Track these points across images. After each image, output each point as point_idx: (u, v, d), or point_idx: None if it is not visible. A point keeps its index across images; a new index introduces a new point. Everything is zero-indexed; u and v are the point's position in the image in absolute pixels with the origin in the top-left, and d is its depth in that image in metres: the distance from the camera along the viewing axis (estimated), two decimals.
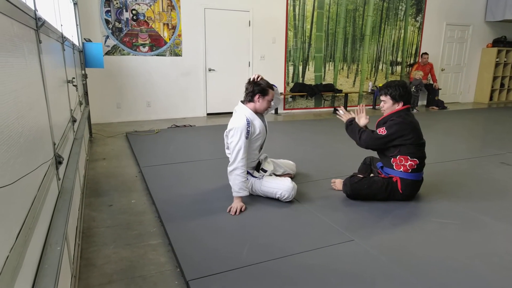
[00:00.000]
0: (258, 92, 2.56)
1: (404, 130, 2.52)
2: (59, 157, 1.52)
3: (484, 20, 8.98)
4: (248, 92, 2.60)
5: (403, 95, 2.58)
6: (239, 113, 2.58)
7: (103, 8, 5.60)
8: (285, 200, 2.60)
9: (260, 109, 2.62)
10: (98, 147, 4.35)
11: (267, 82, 2.62)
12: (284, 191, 2.57)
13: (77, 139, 2.49)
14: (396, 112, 2.60)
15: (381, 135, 2.56)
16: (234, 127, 2.51)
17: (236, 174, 2.49)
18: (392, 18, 7.88)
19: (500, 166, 3.62)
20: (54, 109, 1.65)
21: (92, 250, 2.04)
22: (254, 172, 2.74)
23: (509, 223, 2.35)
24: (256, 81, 2.60)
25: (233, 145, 2.50)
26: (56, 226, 1.23)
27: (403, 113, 2.59)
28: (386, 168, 2.65)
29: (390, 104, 2.62)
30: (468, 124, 6.28)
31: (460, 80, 9.23)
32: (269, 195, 2.64)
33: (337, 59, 7.57)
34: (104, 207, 2.63)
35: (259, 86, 2.56)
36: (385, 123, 2.61)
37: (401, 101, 2.59)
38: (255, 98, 2.58)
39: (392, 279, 1.74)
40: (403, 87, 2.59)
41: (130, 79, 6.00)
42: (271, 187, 2.62)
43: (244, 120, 2.52)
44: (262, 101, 2.58)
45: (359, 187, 2.62)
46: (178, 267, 1.87)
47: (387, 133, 2.54)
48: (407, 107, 2.62)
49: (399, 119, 2.55)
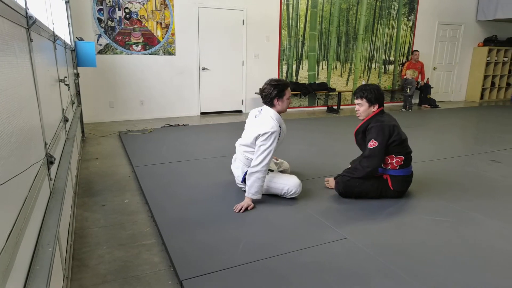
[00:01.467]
0: (276, 96, 2.55)
1: (388, 132, 2.53)
2: (50, 157, 1.51)
3: (476, 20, 9.08)
4: (266, 97, 2.58)
5: (378, 98, 2.60)
6: (268, 119, 2.55)
7: (95, 7, 5.55)
8: (290, 196, 2.64)
9: (283, 110, 2.64)
10: (90, 147, 4.31)
11: (282, 80, 2.62)
12: (292, 187, 2.61)
13: (69, 139, 2.47)
14: (372, 117, 2.62)
15: (376, 147, 2.53)
16: (270, 131, 2.47)
17: (257, 177, 2.47)
18: (385, 17, 7.93)
19: (491, 164, 3.67)
20: (45, 108, 1.64)
21: (85, 250, 2.03)
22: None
23: (500, 220, 2.38)
24: (270, 83, 2.59)
25: (264, 148, 2.47)
26: (47, 226, 1.23)
27: (379, 117, 2.61)
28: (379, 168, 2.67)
29: (366, 107, 2.62)
30: (460, 123, 6.36)
31: (452, 79, 9.32)
32: (275, 192, 2.66)
33: (331, 58, 7.60)
34: (97, 207, 2.61)
35: (274, 88, 2.54)
36: (365, 131, 2.62)
37: (376, 104, 2.61)
38: (275, 102, 2.58)
39: (385, 276, 1.75)
40: (377, 90, 2.62)
41: (123, 78, 5.96)
42: (279, 183, 2.64)
43: (277, 125, 2.52)
44: (282, 103, 2.59)
45: (351, 185, 2.64)
46: (172, 266, 1.86)
47: (379, 142, 2.53)
48: (381, 109, 2.64)
49: (378, 123, 2.56)
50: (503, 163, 3.68)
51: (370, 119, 2.62)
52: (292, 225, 2.29)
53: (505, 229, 2.26)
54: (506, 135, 5.06)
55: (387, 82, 8.37)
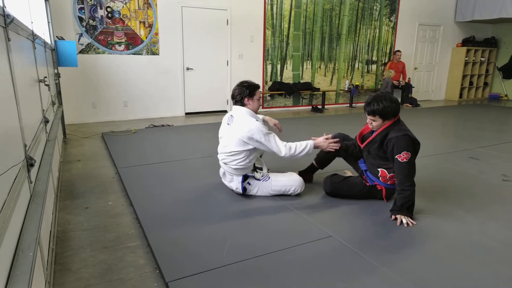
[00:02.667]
0: (247, 95, 2.61)
1: (414, 143, 2.30)
2: (30, 159, 1.47)
3: (454, 21, 9.33)
4: (238, 97, 2.63)
5: (395, 111, 2.33)
6: (243, 117, 2.58)
7: (76, 5, 5.44)
8: (295, 194, 2.69)
9: (254, 109, 2.67)
10: (73, 148, 4.22)
11: (252, 82, 2.68)
12: (297, 186, 2.67)
13: (50, 141, 2.41)
14: (390, 126, 2.36)
15: (411, 157, 2.26)
16: (252, 129, 2.49)
17: (292, 150, 2.51)
18: (367, 18, 8.05)
19: (470, 160, 3.78)
20: (25, 109, 1.59)
21: (68, 254, 1.99)
22: (255, 174, 2.72)
23: (480, 216, 2.46)
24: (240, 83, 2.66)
25: (266, 140, 2.49)
26: (28, 230, 1.20)
27: (400, 126, 2.36)
28: (371, 175, 2.57)
29: (380, 122, 2.38)
30: (440, 121, 6.52)
31: (432, 79, 9.56)
32: (280, 193, 2.69)
33: (315, 58, 7.67)
34: (80, 209, 2.56)
35: (246, 88, 2.61)
36: (387, 143, 2.34)
37: (392, 117, 2.36)
38: (245, 101, 2.62)
39: (370, 273, 1.79)
40: (391, 102, 2.33)
41: (106, 78, 5.86)
42: (283, 185, 2.67)
43: (252, 119, 2.56)
44: (252, 102, 2.64)
45: (339, 187, 2.62)
46: (158, 268, 1.85)
47: (411, 151, 2.27)
48: (398, 117, 2.41)
49: (402, 133, 2.29)
50: (481, 160, 3.80)
51: (389, 127, 2.37)
52: (277, 224, 2.30)
53: (485, 224, 2.33)
54: (484, 133, 5.23)
55: (370, 81, 8.51)
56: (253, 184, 2.69)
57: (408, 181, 2.28)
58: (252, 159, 2.66)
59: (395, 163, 2.31)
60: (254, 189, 2.69)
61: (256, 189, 2.69)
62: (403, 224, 2.27)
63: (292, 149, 2.53)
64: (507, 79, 9.82)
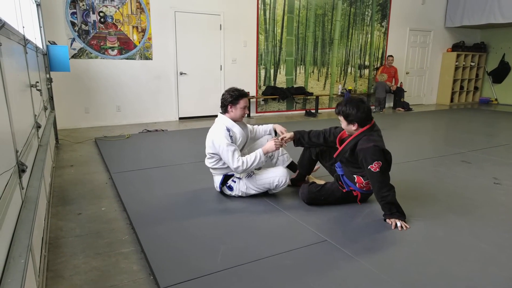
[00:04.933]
0: (229, 103, 2.64)
1: (383, 151, 2.30)
2: (22, 165, 1.46)
3: (444, 26, 9.48)
4: (222, 103, 2.69)
5: (360, 118, 2.33)
6: (217, 124, 2.67)
7: (68, 10, 5.41)
8: (281, 188, 2.68)
9: (236, 117, 2.68)
10: (65, 154, 4.18)
11: (239, 90, 2.70)
12: (282, 177, 2.63)
13: (42, 146, 2.39)
14: (360, 135, 2.36)
15: (380, 169, 2.25)
16: (214, 138, 2.58)
17: (244, 165, 2.51)
18: (359, 23, 8.15)
19: (461, 164, 3.83)
20: (16, 114, 1.58)
21: (60, 261, 1.96)
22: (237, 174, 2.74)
23: (471, 219, 2.48)
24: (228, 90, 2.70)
25: (224, 150, 2.52)
26: (19, 237, 1.18)
27: (369, 136, 2.34)
28: (347, 180, 2.57)
29: (345, 125, 2.42)
30: (432, 125, 6.60)
31: (423, 83, 9.68)
32: (265, 187, 2.69)
33: (308, 63, 7.72)
34: (72, 215, 2.53)
35: (231, 96, 2.64)
36: (357, 153, 2.34)
37: (355, 123, 2.37)
38: (228, 108, 2.66)
39: (364, 277, 1.79)
40: (358, 107, 2.34)
41: (98, 83, 5.83)
42: (267, 177, 2.66)
43: (222, 128, 2.61)
44: (235, 110, 2.66)
45: (317, 196, 2.58)
46: (152, 274, 1.83)
47: (382, 162, 2.26)
48: (368, 127, 2.38)
49: (371, 144, 2.28)
50: (473, 163, 3.84)
51: (358, 136, 2.38)
52: (272, 228, 2.30)
53: (476, 227, 2.35)
54: (475, 136, 5.30)
55: (362, 86, 8.58)
56: (238, 182, 2.71)
57: (385, 187, 2.30)
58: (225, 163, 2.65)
59: (368, 174, 2.33)
60: (240, 186, 2.70)
61: (242, 185, 2.70)
62: (398, 228, 2.29)
63: (244, 163, 2.52)
64: (496, 84, 9.99)
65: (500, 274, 1.83)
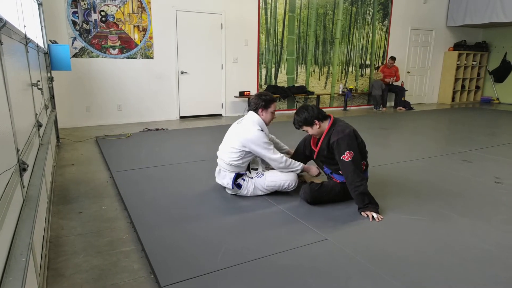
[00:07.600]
0: (261, 107, 2.70)
1: (354, 136, 2.46)
2: (23, 163, 1.46)
3: (446, 25, 9.46)
4: (253, 106, 2.75)
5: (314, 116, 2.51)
6: (251, 119, 2.70)
7: (69, 9, 5.41)
8: (288, 190, 2.77)
9: (266, 121, 2.76)
10: (66, 153, 4.19)
11: (270, 95, 2.78)
12: (292, 181, 2.73)
13: (43, 145, 2.39)
14: (329, 130, 2.52)
15: (353, 159, 2.38)
16: (252, 137, 2.60)
17: (284, 161, 2.65)
18: (360, 22, 8.13)
19: (462, 163, 3.82)
20: (17, 113, 1.58)
21: (61, 259, 1.97)
22: (248, 174, 2.78)
23: (473, 218, 2.48)
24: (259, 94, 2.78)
25: (264, 150, 2.60)
26: (20, 236, 1.18)
27: (337, 127, 2.50)
28: (336, 175, 2.66)
29: (311, 129, 2.58)
30: (433, 124, 6.58)
31: (425, 82, 9.66)
32: (274, 188, 2.75)
33: (309, 62, 7.71)
34: (74, 214, 2.54)
35: (263, 100, 2.70)
36: (332, 146, 2.47)
37: (317, 121, 2.53)
38: (259, 112, 2.72)
39: (365, 276, 1.79)
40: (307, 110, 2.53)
41: (99, 82, 5.83)
42: (277, 180, 2.73)
43: (260, 122, 2.70)
44: (266, 114, 2.72)
45: (319, 194, 2.60)
46: (152, 273, 1.83)
47: (354, 152, 2.40)
48: (332, 120, 2.56)
49: (340, 135, 2.43)
50: (474, 163, 3.83)
51: (328, 132, 2.54)
52: (272, 228, 2.30)
53: (477, 227, 2.35)
54: (476, 136, 5.29)
55: (363, 85, 8.57)
56: (247, 180, 2.73)
57: (357, 178, 2.39)
58: (246, 161, 2.72)
59: (341, 164, 2.43)
60: (248, 185, 2.73)
61: (250, 185, 2.73)
62: (375, 219, 2.37)
63: (287, 161, 2.68)
64: (498, 83, 9.96)
65: (500, 274, 1.83)
